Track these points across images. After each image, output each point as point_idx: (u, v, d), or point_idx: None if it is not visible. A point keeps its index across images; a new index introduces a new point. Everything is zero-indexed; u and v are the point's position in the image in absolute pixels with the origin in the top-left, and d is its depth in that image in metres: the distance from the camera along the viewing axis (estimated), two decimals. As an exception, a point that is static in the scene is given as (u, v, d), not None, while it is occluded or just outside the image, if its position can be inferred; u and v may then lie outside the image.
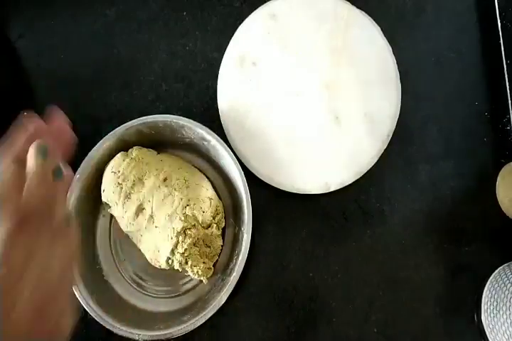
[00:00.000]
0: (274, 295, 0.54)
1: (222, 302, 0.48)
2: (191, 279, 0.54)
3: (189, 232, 0.49)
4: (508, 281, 0.50)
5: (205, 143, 0.53)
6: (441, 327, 0.53)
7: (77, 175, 0.51)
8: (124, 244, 0.55)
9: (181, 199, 0.49)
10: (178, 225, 0.48)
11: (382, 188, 0.56)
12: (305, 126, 0.55)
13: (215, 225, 0.52)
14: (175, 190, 0.50)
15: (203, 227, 0.50)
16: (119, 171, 0.51)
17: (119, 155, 0.53)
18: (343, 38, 0.56)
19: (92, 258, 0.54)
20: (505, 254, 0.54)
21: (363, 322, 0.53)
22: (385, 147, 0.55)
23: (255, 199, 0.50)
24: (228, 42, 0.57)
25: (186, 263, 0.50)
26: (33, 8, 0.61)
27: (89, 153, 0.52)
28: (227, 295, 0.48)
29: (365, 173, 0.54)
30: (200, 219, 0.50)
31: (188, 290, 0.54)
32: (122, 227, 0.53)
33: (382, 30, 0.56)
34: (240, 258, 0.49)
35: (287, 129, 0.55)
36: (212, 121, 0.56)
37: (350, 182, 0.54)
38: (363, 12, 0.56)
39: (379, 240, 0.55)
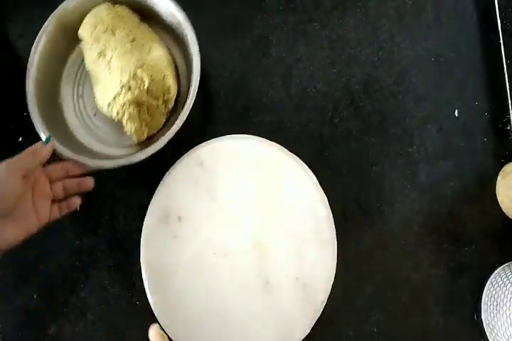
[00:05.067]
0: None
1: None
2: None
3: (133, 90, 0.52)
4: (508, 281, 0.50)
5: (177, 24, 0.55)
6: (441, 327, 0.53)
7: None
8: (86, 83, 0.58)
9: (138, 60, 0.52)
10: (126, 78, 0.52)
11: (382, 188, 0.56)
12: (234, 293, 0.50)
13: (161, 100, 0.54)
14: (136, 50, 0.53)
15: (149, 95, 0.53)
16: (100, 18, 0.54)
17: (104, 4, 0.56)
18: (273, 188, 0.52)
19: (55, 91, 0.57)
20: (505, 254, 0.54)
21: (363, 322, 0.53)
22: (318, 316, 0.50)
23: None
24: (153, 193, 0.52)
25: (124, 115, 0.53)
26: (33, 8, 0.61)
27: None
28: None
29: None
30: (146, 83, 0.52)
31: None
32: (86, 64, 0.56)
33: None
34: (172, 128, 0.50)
35: (215, 296, 0.50)
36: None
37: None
38: (296, 157, 0.53)
39: (379, 240, 0.55)
